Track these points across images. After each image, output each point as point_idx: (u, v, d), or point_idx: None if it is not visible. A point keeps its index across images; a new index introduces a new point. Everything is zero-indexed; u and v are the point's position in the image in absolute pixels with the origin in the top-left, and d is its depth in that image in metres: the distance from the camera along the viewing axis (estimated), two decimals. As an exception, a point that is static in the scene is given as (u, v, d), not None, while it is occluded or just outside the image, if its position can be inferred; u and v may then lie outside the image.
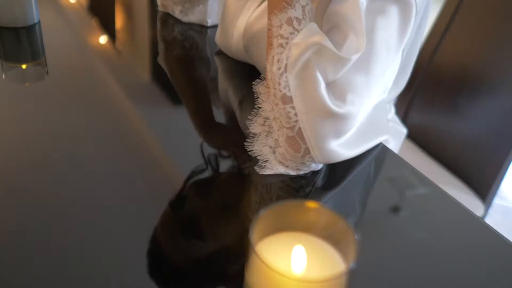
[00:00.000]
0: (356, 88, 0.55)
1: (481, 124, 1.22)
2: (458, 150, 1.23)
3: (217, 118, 0.76)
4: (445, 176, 1.18)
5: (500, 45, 1.19)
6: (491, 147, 1.22)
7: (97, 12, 1.06)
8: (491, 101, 1.21)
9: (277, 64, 0.55)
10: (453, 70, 1.26)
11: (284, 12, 0.56)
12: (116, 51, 0.92)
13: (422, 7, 0.61)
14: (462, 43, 1.24)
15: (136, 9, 1.11)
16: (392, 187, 0.63)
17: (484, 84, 1.21)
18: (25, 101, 0.74)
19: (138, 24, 1.04)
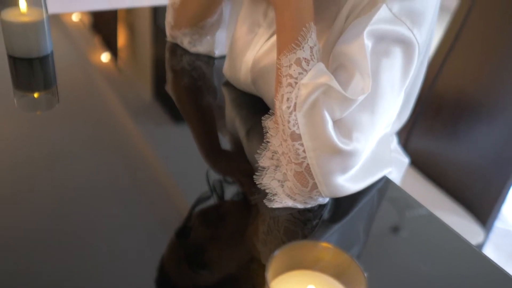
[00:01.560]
0: (361, 126, 0.58)
1: (480, 150, 1.24)
2: (458, 175, 1.25)
3: (223, 146, 0.79)
4: (445, 202, 1.20)
5: (498, 74, 1.22)
6: (491, 173, 1.24)
7: (109, 42, 1.09)
8: (490, 128, 1.24)
9: (287, 103, 0.57)
10: (453, 97, 1.29)
11: (293, 52, 0.58)
12: (127, 80, 0.95)
13: (424, 47, 0.64)
14: (461, 71, 1.27)
15: (146, 40, 1.14)
16: (393, 220, 0.65)
17: (483, 111, 1.24)
18: (36, 128, 0.76)
19: (148, 54, 1.07)
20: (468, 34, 1.25)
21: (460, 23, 1.28)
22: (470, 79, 1.26)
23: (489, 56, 1.24)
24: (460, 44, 1.26)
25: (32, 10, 0.86)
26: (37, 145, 0.71)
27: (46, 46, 0.88)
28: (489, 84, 1.23)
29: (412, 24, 0.59)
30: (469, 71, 1.26)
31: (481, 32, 1.24)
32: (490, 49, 1.22)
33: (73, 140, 0.73)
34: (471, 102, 1.26)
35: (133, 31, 1.18)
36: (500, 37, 1.20)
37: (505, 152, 1.24)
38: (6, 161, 0.67)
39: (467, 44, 1.26)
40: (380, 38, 0.58)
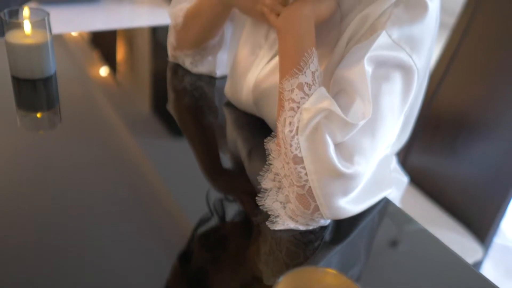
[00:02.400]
0: (362, 149, 0.59)
1: (479, 168, 1.25)
2: (457, 192, 1.26)
3: (225, 166, 0.80)
4: (444, 219, 1.21)
5: (495, 92, 1.23)
6: (489, 190, 1.25)
7: (111, 62, 1.10)
8: (488, 145, 1.25)
9: (289, 127, 0.58)
10: (450, 115, 1.30)
11: (295, 77, 0.60)
12: (129, 100, 0.96)
13: (423, 71, 0.65)
14: (459, 90, 1.29)
15: (148, 60, 1.15)
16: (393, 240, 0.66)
17: (480, 129, 1.26)
18: (38, 147, 0.77)
19: (150, 74, 1.08)
20: (465, 52, 1.26)
21: (458, 41, 1.30)
22: (468, 98, 1.27)
23: (486, 74, 1.25)
24: (458, 63, 1.28)
25: (37, 32, 0.87)
26: (39, 163, 0.72)
27: (50, 67, 0.89)
28: (486, 103, 1.25)
29: (411, 50, 0.61)
30: (466, 89, 1.28)
31: (478, 50, 1.26)
32: (487, 67, 1.23)
33: (75, 158, 0.74)
34: (468, 120, 1.27)
35: (135, 51, 1.20)
36: (497, 55, 1.22)
37: (503, 169, 1.25)
38: (8, 179, 0.67)
39: (464, 62, 1.27)
40: (381, 63, 0.59)
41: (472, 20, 1.25)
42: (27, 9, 0.88)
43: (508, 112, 1.20)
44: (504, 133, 1.24)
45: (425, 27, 0.62)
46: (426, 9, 0.61)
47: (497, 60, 1.20)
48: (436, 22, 0.65)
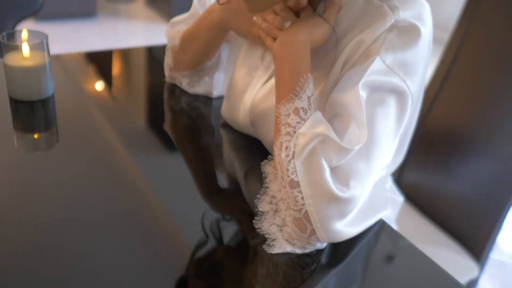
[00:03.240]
0: (358, 173, 0.59)
1: (473, 185, 1.26)
2: (452, 210, 1.26)
3: (222, 186, 0.80)
4: (440, 237, 1.21)
5: (488, 111, 1.25)
6: (484, 208, 1.26)
7: (108, 82, 1.11)
8: (482, 162, 1.26)
9: (285, 151, 0.59)
10: (444, 133, 1.32)
11: (291, 102, 0.61)
12: (126, 119, 0.96)
13: (417, 95, 0.66)
14: (452, 107, 1.31)
15: (145, 80, 1.16)
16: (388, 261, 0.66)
17: (474, 147, 1.27)
18: (35, 168, 0.77)
19: (147, 94, 1.09)
20: (458, 71, 1.28)
21: (451, 59, 1.32)
22: (461, 116, 1.29)
23: (480, 93, 1.27)
24: (451, 81, 1.30)
25: (35, 54, 0.88)
26: (36, 183, 0.73)
27: (48, 89, 0.90)
28: (479, 121, 1.26)
29: (405, 75, 0.62)
30: (460, 107, 1.29)
31: (472, 69, 1.28)
32: (480, 86, 1.25)
33: (72, 178, 0.74)
34: (462, 138, 1.28)
35: (132, 71, 1.21)
36: (490, 73, 1.23)
37: (497, 186, 1.26)
38: (5, 199, 0.68)
39: (458, 81, 1.29)
40: (375, 88, 0.61)
41: (465, 39, 1.27)
42: (26, 31, 0.88)
43: (502, 129, 1.21)
44: (497, 150, 1.25)
45: (418, 52, 0.63)
46: (419, 35, 0.63)
47: (490, 78, 1.22)
48: (429, 47, 0.66)
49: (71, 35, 3.35)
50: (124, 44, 3.35)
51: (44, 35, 0.88)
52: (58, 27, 3.41)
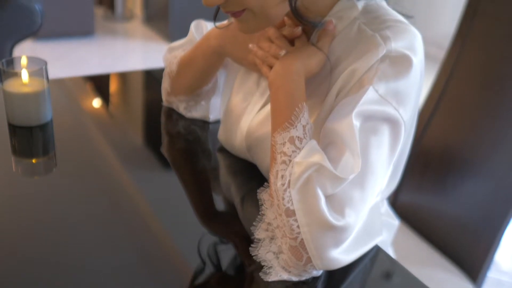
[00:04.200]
0: (352, 201, 0.60)
1: (468, 205, 1.27)
2: (448, 230, 1.27)
3: (218, 210, 0.81)
4: (436, 259, 1.22)
5: (483, 131, 1.27)
6: (480, 228, 1.27)
7: (106, 106, 1.12)
8: (477, 183, 1.27)
9: (281, 180, 0.60)
10: (439, 154, 1.33)
11: (287, 131, 0.62)
12: (123, 143, 0.97)
13: (409, 123, 0.67)
14: (447, 128, 1.32)
15: (143, 103, 1.17)
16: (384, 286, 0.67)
17: (469, 168, 1.28)
18: (33, 193, 0.78)
19: (145, 118, 1.10)
20: (452, 93, 1.30)
21: (445, 81, 1.34)
22: (456, 137, 1.30)
23: (474, 114, 1.29)
24: (445, 103, 1.32)
25: (34, 80, 0.89)
26: (33, 208, 0.73)
27: (46, 114, 0.91)
28: (474, 142, 1.28)
29: (398, 104, 0.63)
30: (455, 129, 1.31)
31: (465, 91, 1.29)
32: (475, 107, 1.27)
33: (70, 203, 0.75)
34: (457, 159, 1.30)
35: (130, 95, 1.22)
36: (484, 95, 1.25)
37: (493, 205, 1.27)
38: (3, 223, 0.69)
39: (452, 103, 1.31)
40: (368, 117, 0.62)
41: (460, 58, 1.29)
42: (25, 57, 0.90)
43: (496, 149, 1.23)
44: (492, 169, 1.26)
45: (410, 81, 0.64)
46: (410, 65, 0.64)
47: (484, 98, 1.24)
48: (421, 75, 0.68)
49: (69, 54, 3.37)
50: (122, 62, 3.37)
51: (43, 61, 0.90)
52: (56, 46, 3.44)
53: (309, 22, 0.66)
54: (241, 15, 0.66)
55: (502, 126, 1.22)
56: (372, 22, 0.68)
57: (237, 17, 0.67)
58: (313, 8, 0.70)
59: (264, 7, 0.64)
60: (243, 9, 0.65)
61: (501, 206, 1.25)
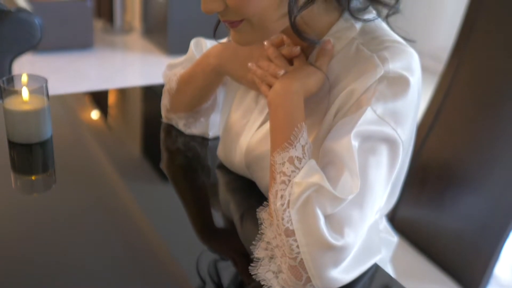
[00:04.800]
0: (352, 221, 0.61)
1: (467, 219, 1.28)
2: (447, 245, 1.28)
3: (217, 227, 0.81)
4: (435, 274, 1.22)
5: (481, 145, 1.27)
6: (479, 242, 1.27)
7: (106, 123, 1.13)
8: (475, 197, 1.28)
9: (281, 200, 0.60)
10: (437, 169, 1.34)
11: (286, 151, 0.62)
12: (123, 160, 0.98)
13: (407, 142, 0.68)
14: (445, 142, 1.33)
15: (143, 120, 1.18)
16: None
17: (468, 181, 1.28)
18: (32, 210, 0.78)
19: (144, 134, 1.11)
20: (450, 108, 1.31)
21: (442, 96, 1.35)
22: (454, 151, 1.31)
23: (471, 128, 1.30)
24: (443, 117, 1.33)
25: (34, 97, 0.90)
26: (32, 225, 0.74)
27: (46, 131, 0.91)
28: (471, 157, 1.28)
29: (396, 124, 0.64)
30: (452, 143, 1.31)
31: (462, 107, 1.30)
32: (471, 125, 1.28)
33: (69, 219, 0.75)
34: (455, 174, 1.30)
35: (129, 111, 1.23)
36: (481, 108, 1.26)
37: (492, 220, 1.27)
38: (2, 239, 0.69)
39: (449, 118, 1.32)
40: (367, 137, 0.62)
41: (456, 76, 1.31)
42: (25, 75, 0.90)
43: (494, 164, 1.23)
44: (490, 184, 1.27)
45: (408, 101, 0.65)
46: (408, 85, 0.65)
47: (481, 116, 1.25)
48: (418, 95, 0.68)
49: (69, 67, 3.38)
50: (121, 75, 3.39)
51: (44, 79, 0.90)
52: (56, 59, 3.45)
53: (307, 39, 0.67)
54: (238, 26, 0.67)
55: (500, 142, 1.23)
56: (370, 43, 0.69)
57: (234, 27, 0.68)
58: (313, 24, 0.70)
59: (263, 20, 0.65)
60: (241, 19, 0.66)
61: (500, 220, 1.25)
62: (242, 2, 0.63)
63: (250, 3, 0.63)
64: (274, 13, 0.65)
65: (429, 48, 3.59)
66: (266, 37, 0.71)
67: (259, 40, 0.71)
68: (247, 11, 0.64)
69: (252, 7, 0.63)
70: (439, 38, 3.62)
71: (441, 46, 3.40)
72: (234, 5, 0.64)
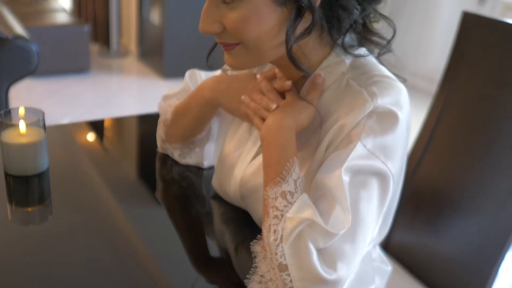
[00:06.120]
0: (344, 255, 0.62)
1: (462, 244, 1.28)
2: (441, 270, 1.28)
3: (212, 257, 0.82)
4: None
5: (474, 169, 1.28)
6: (474, 267, 1.27)
7: (102, 153, 1.14)
8: (469, 222, 1.29)
9: (274, 235, 0.62)
10: (431, 193, 1.35)
11: (278, 186, 0.64)
12: (119, 189, 0.98)
13: (397, 174, 0.69)
14: (437, 167, 1.34)
15: (138, 149, 1.19)
16: None
17: (461, 206, 1.29)
18: (28, 241, 0.79)
19: (140, 163, 1.12)
20: (442, 133, 1.33)
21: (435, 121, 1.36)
22: (447, 175, 1.32)
23: (463, 152, 1.31)
24: (434, 145, 1.34)
25: (31, 129, 0.91)
26: (27, 257, 0.75)
27: (43, 164, 0.92)
28: (465, 180, 1.29)
29: (386, 158, 0.65)
30: (445, 167, 1.33)
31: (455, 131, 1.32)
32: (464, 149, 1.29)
33: (66, 250, 0.76)
34: (449, 197, 1.31)
35: (125, 141, 1.24)
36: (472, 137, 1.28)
37: (486, 245, 1.28)
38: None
39: (440, 145, 1.33)
40: (357, 172, 0.64)
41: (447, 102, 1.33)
42: (23, 108, 0.92)
43: (485, 192, 1.25)
44: (484, 208, 1.28)
45: (397, 135, 0.67)
46: (397, 120, 0.66)
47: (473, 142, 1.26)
48: (407, 128, 0.70)
49: (65, 91, 3.40)
50: (117, 98, 3.41)
51: (41, 112, 0.91)
52: (52, 83, 3.47)
53: (301, 68, 0.69)
54: (234, 49, 0.68)
55: (490, 168, 1.24)
56: (360, 78, 0.70)
57: (229, 50, 0.69)
58: (307, 56, 0.72)
59: (259, 45, 0.67)
60: (237, 43, 0.68)
61: (494, 244, 1.26)
62: (241, 26, 0.65)
63: (249, 28, 0.65)
64: (271, 40, 0.67)
65: (421, 69, 3.63)
66: (260, 63, 0.72)
67: (252, 65, 0.73)
68: (244, 35, 0.65)
69: (250, 32, 0.65)
70: (432, 59, 3.66)
71: (434, 67, 3.44)
72: (232, 28, 0.65)
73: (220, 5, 0.65)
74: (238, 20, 0.64)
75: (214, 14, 0.66)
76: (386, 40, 0.71)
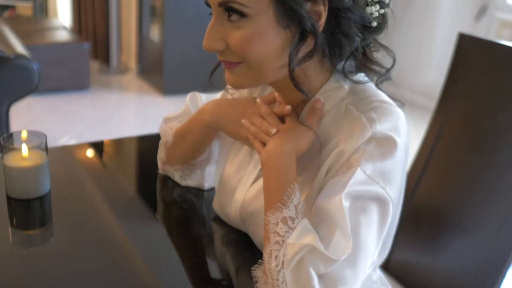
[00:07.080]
0: (345, 280, 0.62)
1: (462, 264, 1.28)
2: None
3: (212, 279, 0.82)
4: (431, 320, 1.22)
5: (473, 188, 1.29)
6: (474, 286, 1.28)
7: (103, 175, 1.14)
8: (469, 241, 1.29)
9: (275, 261, 0.62)
10: (430, 213, 1.35)
11: (279, 211, 0.64)
12: (120, 211, 0.99)
13: (397, 198, 0.70)
14: (437, 186, 1.35)
15: (138, 171, 1.20)
16: None
17: (461, 225, 1.30)
18: (29, 264, 0.79)
19: (140, 185, 1.12)
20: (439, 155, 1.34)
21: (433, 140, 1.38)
22: (446, 195, 1.33)
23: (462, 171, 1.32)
24: (433, 164, 1.35)
25: (33, 152, 0.92)
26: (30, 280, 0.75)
27: (45, 186, 0.93)
28: (465, 199, 1.30)
29: (385, 183, 0.66)
30: (444, 186, 1.33)
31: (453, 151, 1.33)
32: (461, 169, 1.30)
33: (66, 273, 0.77)
34: (448, 217, 1.32)
35: (126, 162, 1.25)
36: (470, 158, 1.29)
37: (486, 264, 1.28)
38: None
39: (439, 164, 1.34)
40: (357, 197, 0.65)
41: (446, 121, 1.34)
42: (25, 132, 0.93)
43: (484, 211, 1.25)
44: (484, 227, 1.28)
45: (396, 161, 0.68)
46: (395, 145, 0.67)
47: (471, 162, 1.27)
48: (405, 153, 0.71)
49: (65, 108, 3.42)
50: (117, 115, 3.42)
51: (43, 135, 0.92)
52: (52, 100, 3.49)
53: (303, 91, 0.69)
54: (235, 68, 0.69)
55: (489, 187, 1.25)
56: (358, 103, 0.72)
57: (230, 69, 0.70)
58: (307, 79, 0.72)
59: (261, 66, 0.67)
60: (239, 61, 0.68)
61: (494, 263, 1.26)
62: (245, 45, 0.66)
63: (252, 47, 0.65)
64: (273, 61, 0.68)
65: (420, 85, 3.65)
66: (260, 83, 0.73)
67: (253, 85, 0.73)
68: (247, 55, 0.66)
69: (253, 52, 0.66)
70: (430, 75, 3.68)
71: (433, 83, 3.46)
72: (236, 46, 0.66)
73: (225, 23, 0.66)
74: (243, 39, 0.65)
75: (219, 31, 0.67)
76: (385, 68, 0.72)
